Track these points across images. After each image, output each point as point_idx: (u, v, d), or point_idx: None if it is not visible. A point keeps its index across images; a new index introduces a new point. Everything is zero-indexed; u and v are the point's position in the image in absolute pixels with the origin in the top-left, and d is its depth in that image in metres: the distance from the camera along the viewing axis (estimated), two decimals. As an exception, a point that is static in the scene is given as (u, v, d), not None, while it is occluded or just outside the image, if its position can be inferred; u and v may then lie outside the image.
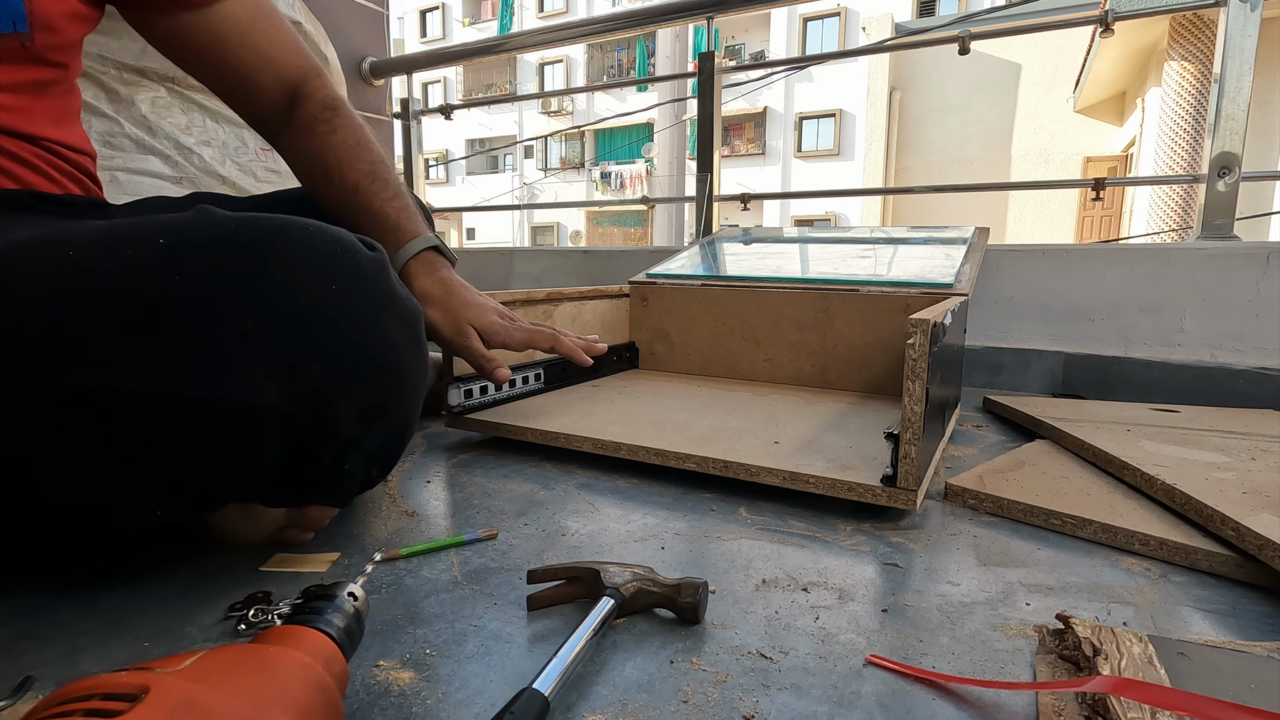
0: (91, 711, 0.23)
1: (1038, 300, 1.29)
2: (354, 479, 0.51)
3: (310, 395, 0.43)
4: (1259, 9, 1.16)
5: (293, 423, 0.43)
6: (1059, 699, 0.36)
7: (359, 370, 0.46)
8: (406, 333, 0.49)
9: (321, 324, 0.44)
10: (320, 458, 0.46)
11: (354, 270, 0.46)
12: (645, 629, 0.44)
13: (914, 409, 0.59)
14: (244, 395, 0.41)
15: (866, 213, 12.65)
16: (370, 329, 0.46)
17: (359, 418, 0.47)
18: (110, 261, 0.40)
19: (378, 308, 0.47)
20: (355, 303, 0.45)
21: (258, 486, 0.48)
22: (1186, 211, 5.41)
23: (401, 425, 0.52)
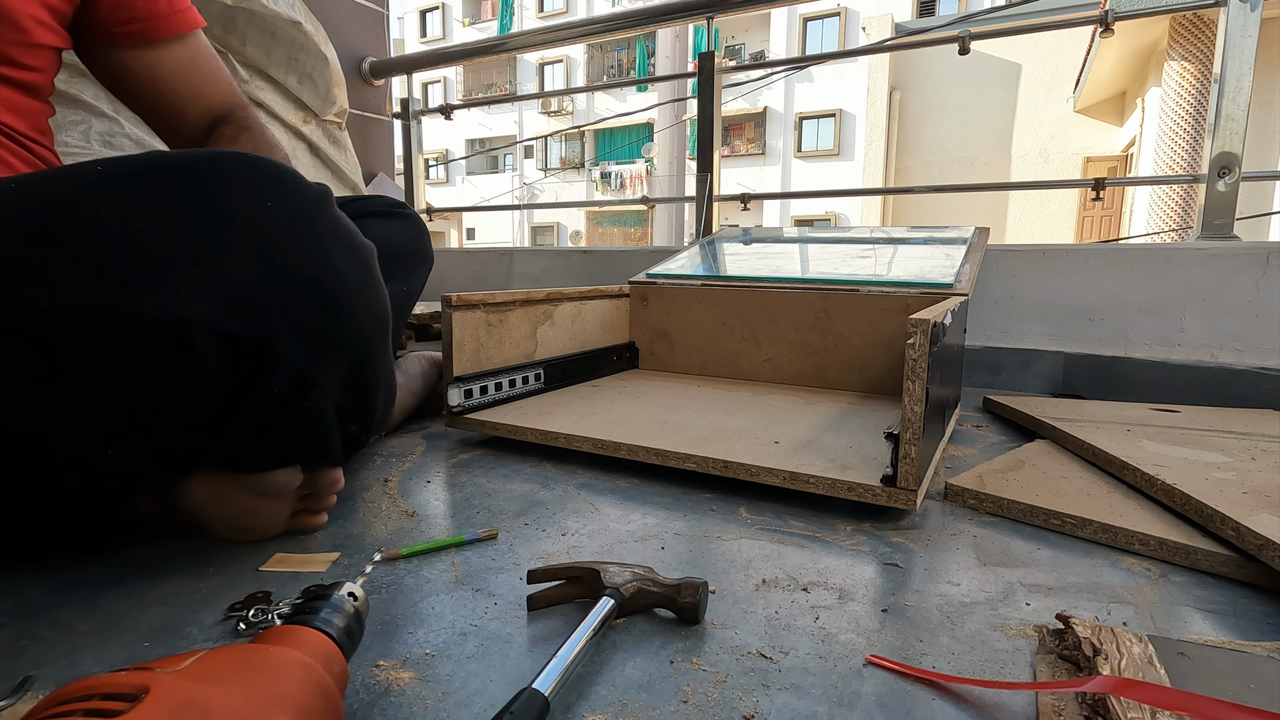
0: (91, 711, 0.23)
1: (1038, 300, 1.29)
2: (328, 428, 0.51)
3: (245, 313, 0.44)
4: (1259, 9, 1.16)
5: (230, 342, 0.43)
6: (1059, 699, 0.36)
7: (297, 290, 0.46)
8: (351, 259, 0.49)
9: (257, 241, 0.44)
10: (270, 387, 0.46)
11: (294, 196, 0.47)
12: (645, 629, 0.44)
13: (914, 409, 0.59)
14: (174, 312, 0.41)
15: (866, 213, 12.65)
16: (310, 249, 0.46)
17: (305, 344, 0.47)
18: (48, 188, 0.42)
19: (319, 231, 0.47)
20: (294, 225, 0.46)
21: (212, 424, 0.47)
22: (1186, 211, 5.41)
23: (360, 360, 0.51)
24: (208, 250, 0.42)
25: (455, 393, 0.85)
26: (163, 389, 0.43)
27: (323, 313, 0.47)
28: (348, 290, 0.49)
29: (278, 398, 0.47)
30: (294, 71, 1.61)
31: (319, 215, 0.48)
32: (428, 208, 2.20)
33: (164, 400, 0.44)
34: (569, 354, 1.06)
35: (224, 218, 0.43)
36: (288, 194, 0.46)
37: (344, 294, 0.48)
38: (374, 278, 0.52)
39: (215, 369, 0.44)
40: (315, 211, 0.48)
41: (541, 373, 0.99)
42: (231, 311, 0.43)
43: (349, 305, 0.49)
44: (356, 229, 0.52)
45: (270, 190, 0.46)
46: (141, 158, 0.44)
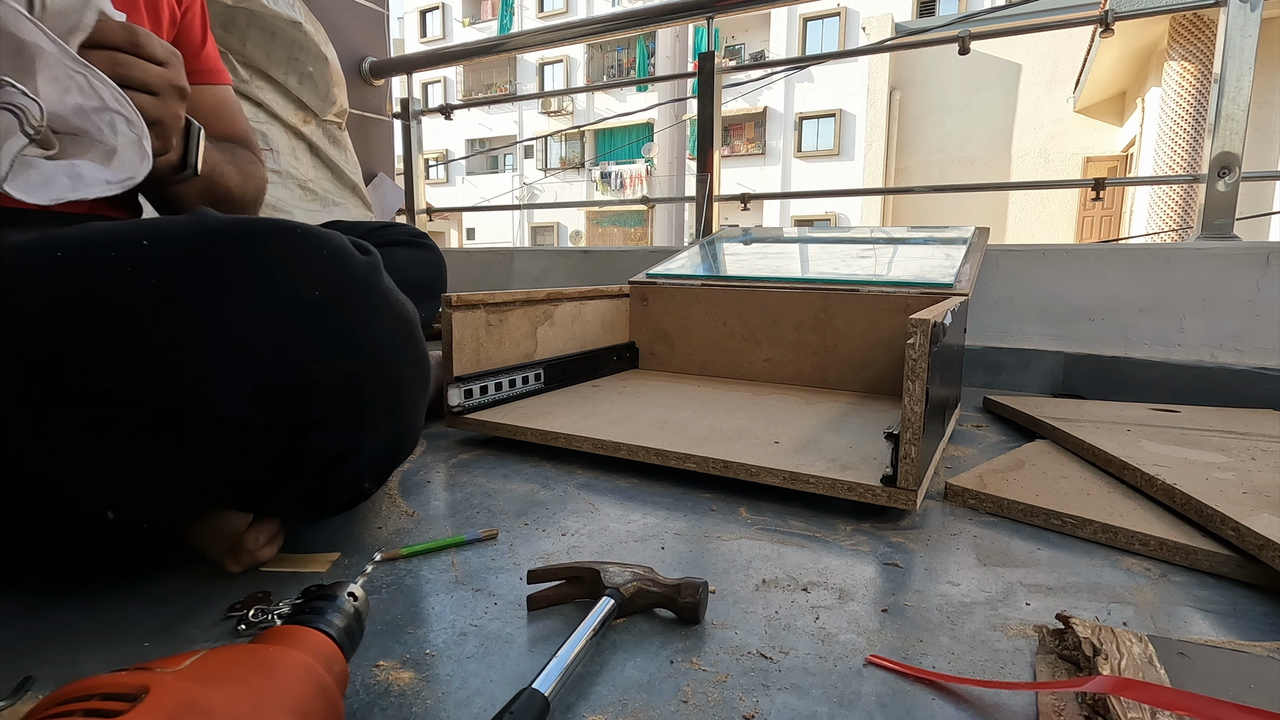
0: (91, 711, 0.23)
1: (1038, 300, 1.29)
2: (347, 492, 0.51)
3: (285, 406, 0.42)
4: (1259, 9, 1.16)
5: (268, 432, 0.42)
6: (1059, 699, 0.36)
7: (341, 377, 0.44)
8: (397, 334, 0.48)
9: (301, 330, 0.42)
10: (305, 466, 0.46)
11: (341, 274, 0.45)
12: (645, 629, 0.44)
13: (914, 409, 0.59)
14: (210, 408, 0.40)
15: (866, 213, 12.65)
16: (356, 332, 0.45)
17: (346, 427, 0.46)
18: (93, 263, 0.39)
19: (367, 310, 0.46)
20: (341, 308, 0.44)
21: (241, 495, 0.47)
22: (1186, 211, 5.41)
23: (398, 434, 0.51)
24: (248, 342, 0.41)
25: (455, 393, 0.85)
26: (195, 465, 0.43)
27: (365, 396, 0.46)
28: (392, 370, 0.47)
29: (311, 474, 0.47)
30: (294, 71, 1.61)
31: (367, 291, 0.46)
32: (428, 208, 2.20)
33: (194, 472, 0.44)
34: (569, 354, 1.06)
35: (268, 305, 0.41)
36: (336, 272, 0.44)
37: (388, 374, 0.47)
38: (419, 348, 0.51)
39: (249, 453, 0.43)
40: (363, 288, 0.46)
41: (541, 373, 0.99)
42: (271, 405, 0.42)
43: (392, 385, 0.48)
44: (402, 297, 0.50)
45: (319, 270, 0.44)
46: (187, 226, 0.42)
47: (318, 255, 0.44)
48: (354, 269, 0.46)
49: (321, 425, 0.44)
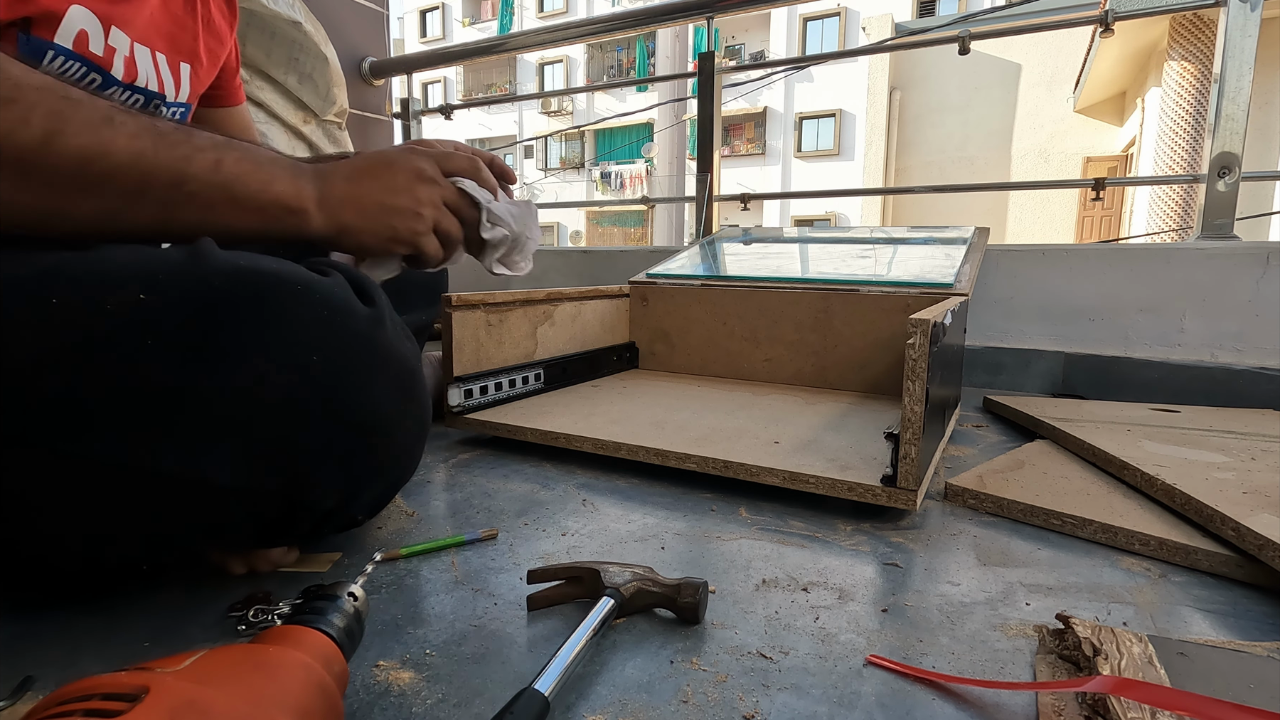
0: (91, 711, 0.23)
1: (1038, 300, 1.29)
2: (339, 528, 0.52)
3: (281, 470, 0.42)
4: (1259, 9, 1.16)
5: (264, 495, 0.42)
6: (1059, 699, 0.36)
7: (338, 439, 0.44)
8: (398, 390, 0.47)
9: (299, 395, 0.41)
10: (301, 523, 0.46)
11: (342, 336, 0.43)
12: (645, 629, 0.44)
13: (914, 409, 0.59)
14: (204, 474, 0.40)
15: (866, 213, 12.65)
16: (356, 393, 0.44)
17: (343, 489, 0.46)
18: (89, 316, 0.38)
19: (368, 375, 0.44)
20: (342, 374, 0.43)
21: (236, 544, 0.48)
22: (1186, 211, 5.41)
23: (395, 480, 0.51)
24: (243, 408, 0.40)
25: (455, 393, 0.85)
26: (188, 521, 0.43)
27: (363, 456, 0.46)
28: (391, 428, 0.47)
29: (305, 525, 0.47)
30: (294, 71, 1.61)
31: (368, 351, 0.45)
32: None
33: (188, 526, 0.44)
34: (569, 354, 1.06)
35: (265, 371, 0.40)
36: (337, 334, 0.43)
37: (386, 432, 0.47)
38: (419, 402, 0.50)
39: (243, 513, 0.43)
40: (365, 348, 0.44)
41: (541, 373, 0.99)
42: (267, 471, 0.41)
43: (390, 442, 0.47)
44: (404, 347, 0.48)
45: (319, 332, 0.42)
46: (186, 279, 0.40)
47: (318, 316, 0.42)
48: (356, 327, 0.44)
49: (317, 486, 0.44)
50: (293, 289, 0.42)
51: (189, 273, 0.40)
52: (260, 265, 0.42)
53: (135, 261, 0.41)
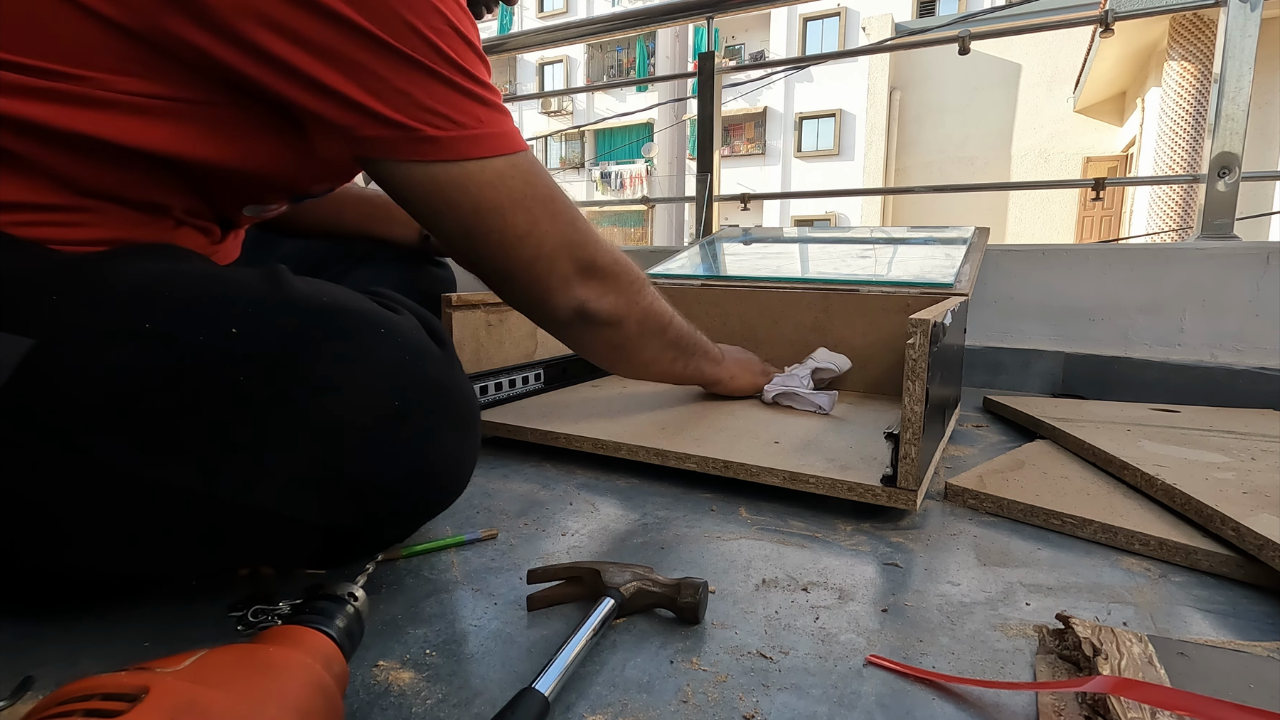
0: (91, 711, 0.23)
1: (1038, 300, 1.29)
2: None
3: (348, 509, 0.43)
4: (1259, 9, 1.16)
5: (331, 532, 0.43)
6: (1059, 699, 0.36)
7: (405, 481, 0.44)
8: (465, 432, 0.48)
9: (378, 442, 0.42)
10: (360, 554, 0.47)
11: (419, 380, 0.44)
12: (645, 629, 0.44)
13: (914, 409, 0.59)
14: (284, 507, 0.40)
15: (866, 213, 12.65)
16: (426, 438, 0.45)
17: (402, 523, 0.47)
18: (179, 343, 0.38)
19: (441, 420, 0.45)
20: (417, 418, 0.44)
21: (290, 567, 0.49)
22: (1186, 211, 5.41)
23: (440, 511, 0.52)
24: (318, 447, 0.40)
25: (455, 393, 0.85)
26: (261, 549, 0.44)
27: (429, 493, 0.47)
28: (455, 466, 0.48)
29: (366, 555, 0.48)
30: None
31: (442, 396, 0.46)
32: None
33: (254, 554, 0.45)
34: (569, 354, 1.06)
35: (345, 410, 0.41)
36: (414, 378, 0.44)
37: (451, 476, 0.48)
38: (477, 439, 0.51)
39: (308, 546, 0.44)
40: (439, 392, 0.45)
41: (541, 373, 0.99)
42: (335, 509, 0.42)
43: (452, 478, 0.48)
44: (469, 385, 0.50)
45: (399, 375, 0.43)
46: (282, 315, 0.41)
47: (399, 360, 0.43)
48: (431, 372, 0.45)
49: (385, 522, 0.45)
50: (375, 330, 0.43)
51: (274, 306, 0.41)
52: (341, 303, 0.43)
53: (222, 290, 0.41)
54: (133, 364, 0.38)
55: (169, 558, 0.43)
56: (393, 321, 0.45)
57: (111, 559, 0.42)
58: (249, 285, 0.42)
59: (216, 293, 0.41)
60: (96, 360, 0.37)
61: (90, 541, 0.40)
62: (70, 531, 0.40)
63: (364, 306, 0.44)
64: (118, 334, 0.38)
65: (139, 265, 0.42)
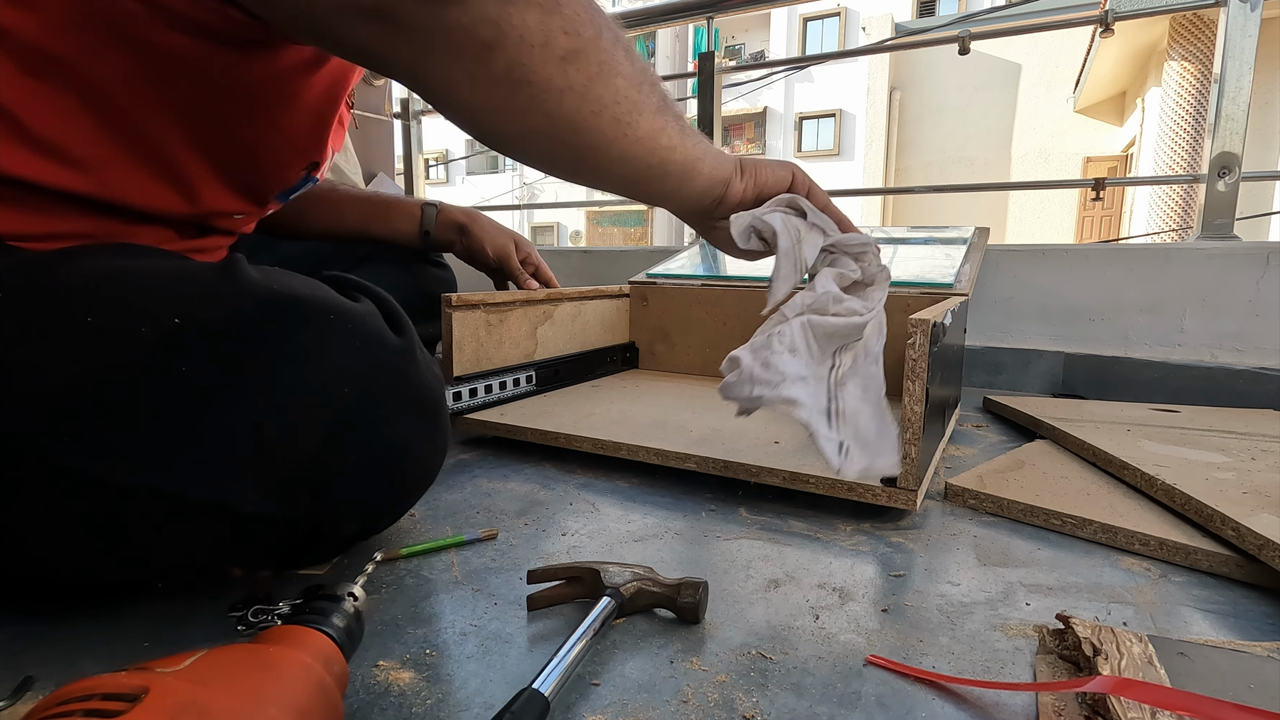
0: (91, 711, 0.23)
1: (1038, 300, 1.29)
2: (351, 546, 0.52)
3: (305, 499, 0.42)
4: (1259, 9, 1.16)
5: (285, 523, 0.42)
6: (1059, 699, 0.36)
7: (363, 472, 0.44)
8: (425, 424, 0.47)
9: (328, 428, 0.41)
10: (320, 550, 0.46)
11: (374, 367, 0.43)
12: (645, 629, 0.44)
13: (914, 409, 0.59)
14: (229, 501, 0.39)
15: (866, 213, 12.64)
16: (384, 427, 0.44)
17: (364, 516, 0.47)
18: (122, 339, 0.38)
19: (397, 408, 0.45)
20: (371, 407, 0.43)
21: (254, 565, 0.48)
22: (1186, 211, 5.41)
23: (407, 507, 0.52)
24: (273, 438, 0.40)
25: (455, 393, 0.85)
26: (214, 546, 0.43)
27: (388, 485, 0.46)
28: (415, 458, 0.47)
29: (326, 551, 0.47)
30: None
31: (399, 383, 0.45)
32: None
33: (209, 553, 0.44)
34: (569, 354, 1.06)
35: (297, 401, 0.40)
36: (369, 366, 0.43)
37: (411, 463, 0.47)
38: (442, 431, 0.50)
39: (268, 540, 0.43)
40: (395, 380, 0.45)
41: (541, 373, 0.99)
42: (293, 500, 0.41)
43: (414, 471, 0.48)
44: (431, 375, 0.49)
45: (351, 362, 0.42)
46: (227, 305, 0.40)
47: (350, 346, 0.42)
48: (386, 358, 0.44)
49: (341, 515, 0.45)
50: (325, 317, 0.42)
51: (222, 295, 0.40)
52: (293, 290, 0.42)
53: (169, 282, 0.41)
54: (73, 360, 0.37)
55: (121, 560, 0.42)
56: (346, 308, 0.44)
57: (64, 563, 0.41)
58: (199, 276, 0.42)
59: (161, 284, 0.40)
60: (36, 357, 0.37)
61: (41, 545, 0.40)
62: (19, 535, 0.39)
63: (316, 293, 0.43)
64: (57, 330, 0.38)
65: (90, 261, 0.41)
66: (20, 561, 0.41)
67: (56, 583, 0.45)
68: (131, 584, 0.46)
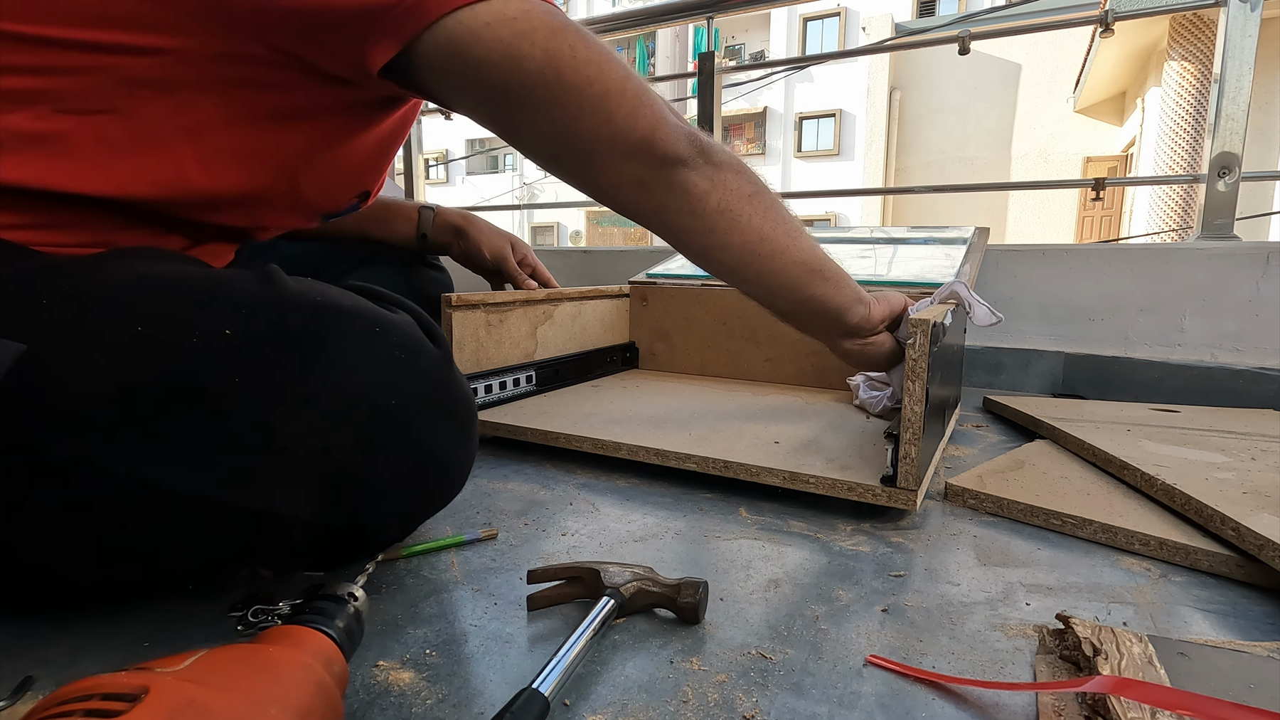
0: (91, 711, 0.23)
1: (1038, 300, 1.29)
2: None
3: (346, 507, 0.42)
4: (1259, 9, 1.16)
5: (326, 530, 0.43)
6: (1059, 699, 0.36)
7: (404, 479, 0.44)
8: (460, 435, 0.48)
9: (370, 436, 0.42)
10: (358, 554, 0.47)
11: (415, 377, 0.44)
12: (645, 629, 0.44)
13: (914, 409, 0.59)
14: (273, 508, 0.40)
15: (866, 213, 12.64)
16: (425, 435, 0.45)
17: (403, 522, 0.47)
18: (171, 347, 0.38)
19: (437, 417, 0.45)
20: (413, 416, 0.44)
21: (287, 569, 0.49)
22: (1186, 211, 5.41)
23: (437, 510, 0.52)
24: (315, 444, 0.40)
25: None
26: (257, 550, 0.44)
27: (426, 492, 0.47)
28: (452, 466, 0.48)
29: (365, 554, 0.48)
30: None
31: (438, 393, 0.46)
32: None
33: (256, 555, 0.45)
34: (569, 354, 1.06)
35: (342, 409, 0.40)
36: (410, 376, 0.44)
37: (447, 470, 0.48)
38: (474, 439, 0.51)
39: (306, 546, 0.44)
40: (435, 390, 0.45)
41: (541, 373, 0.99)
42: (332, 506, 0.42)
43: (449, 478, 0.48)
44: (466, 385, 0.50)
45: (394, 373, 0.43)
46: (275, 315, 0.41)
47: (394, 357, 0.43)
48: (427, 369, 0.45)
49: (382, 521, 0.45)
50: (371, 328, 0.43)
51: (268, 305, 0.41)
52: (335, 301, 0.43)
53: (214, 292, 0.41)
54: (125, 367, 0.38)
55: (166, 563, 0.43)
56: (388, 319, 0.45)
57: (106, 565, 0.42)
58: (241, 285, 0.42)
59: (209, 293, 0.41)
60: (88, 364, 0.37)
61: (85, 548, 0.40)
62: (64, 538, 0.39)
63: (358, 305, 0.44)
64: (108, 337, 0.38)
65: (130, 266, 0.42)
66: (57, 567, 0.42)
67: (86, 586, 0.45)
68: (168, 582, 0.47)
